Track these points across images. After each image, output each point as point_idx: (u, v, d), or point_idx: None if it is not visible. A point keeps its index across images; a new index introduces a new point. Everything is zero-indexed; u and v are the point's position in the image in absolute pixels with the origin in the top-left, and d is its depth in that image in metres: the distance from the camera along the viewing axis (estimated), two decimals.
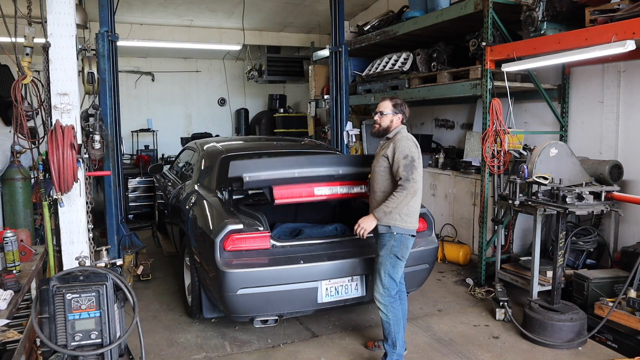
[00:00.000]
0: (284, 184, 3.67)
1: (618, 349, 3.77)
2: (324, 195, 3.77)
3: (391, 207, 3.22)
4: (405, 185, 3.19)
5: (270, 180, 3.62)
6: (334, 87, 6.94)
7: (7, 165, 4.97)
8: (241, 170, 3.56)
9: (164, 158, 10.00)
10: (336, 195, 3.82)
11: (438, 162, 6.56)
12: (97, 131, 3.59)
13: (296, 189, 3.69)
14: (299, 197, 3.72)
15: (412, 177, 3.21)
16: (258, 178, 3.58)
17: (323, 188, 3.76)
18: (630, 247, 4.34)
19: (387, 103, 3.47)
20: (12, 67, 7.24)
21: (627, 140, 4.77)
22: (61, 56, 3.40)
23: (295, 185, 3.70)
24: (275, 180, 3.64)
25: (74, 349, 2.29)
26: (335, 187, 3.81)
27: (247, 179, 3.53)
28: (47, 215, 3.68)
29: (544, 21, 4.45)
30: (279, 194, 3.63)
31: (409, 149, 3.26)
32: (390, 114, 3.44)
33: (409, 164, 3.22)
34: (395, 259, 3.35)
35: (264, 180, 3.61)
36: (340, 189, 3.82)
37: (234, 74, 12.30)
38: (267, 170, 3.64)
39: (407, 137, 3.35)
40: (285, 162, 3.90)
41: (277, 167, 3.69)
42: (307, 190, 3.71)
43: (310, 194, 3.72)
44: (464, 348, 3.85)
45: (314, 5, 8.34)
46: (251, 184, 3.58)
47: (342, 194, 3.84)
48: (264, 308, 3.59)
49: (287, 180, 3.67)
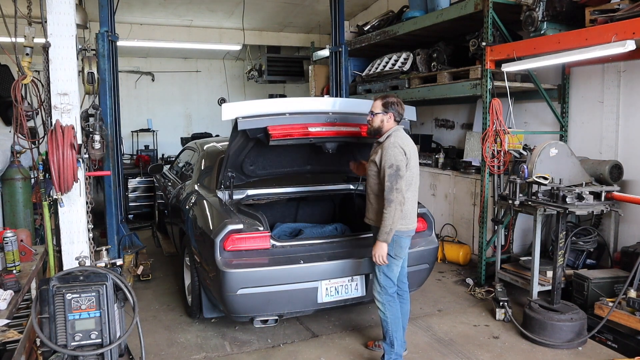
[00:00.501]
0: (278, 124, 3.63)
1: (618, 349, 3.77)
2: (318, 133, 3.71)
3: (389, 225, 3.20)
4: (390, 197, 3.17)
5: (264, 120, 3.58)
6: (334, 87, 6.94)
7: (7, 165, 4.96)
8: (235, 112, 3.53)
9: (164, 158, 10.00)
10: (330, 133, 3.77)
11: (438, 162, 6.56)
12: (97, 131, 3.59)
13: (290, 126, 3.64)
14: (294, 134, 3.66)
15: (397, 186, 3.18)
16: (251, 119, 3.54)
17: (317, 127, 3.72)
18: (630, 247, 4.34)
19: (377, 102, 3.41)
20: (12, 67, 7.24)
21: (627, 140, 4.77)
22: (61, 56, 3.40)
23: (290, 125, 3.66)
24: (269, 121, 3.59)
25: (74, 349, 2.29)
26: (329, 127, 3.77)
27: (241, 119, 3.50)
28: (47, 215, 3.68)
29: (544, 21, 4.45)
30: (275, 132, 3.57)
31: (395, 158, 3.20)
32: (381, 114, 3.37)
33: (394, 174, 3.18)
34: (390, 258, 3.35)
35: (257, 121, 3.56)
36: (333, 128, 3.79)
37: (234, 74, 12.30)
38: (260, 109, 3.60)
39: (394, 144, 3.25)
40: (279, 102, 3.85)
41: (271, 107, 3.67)
42: (301, 127, 3.66)
43: (304, 131, 3.67)
44: (464, 348, 3.85)
45: (314, 5, 8.34)
46: (245, 125, 3.53)
47: (336, 132, 3.79)
48: (264, 308, 3.59)
49: (280, 120, 3.63)
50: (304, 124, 3.68)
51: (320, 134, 3.74)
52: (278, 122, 3.61)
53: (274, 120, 3.60)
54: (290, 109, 3.69)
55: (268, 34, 9.82)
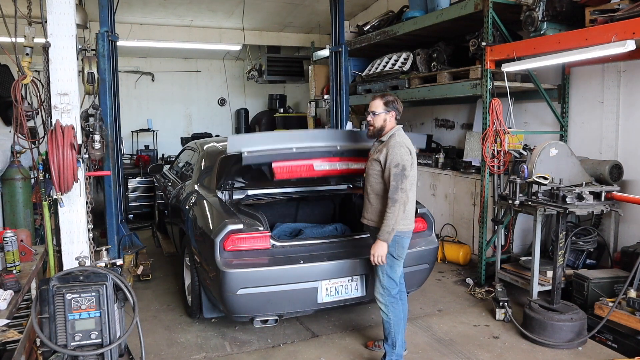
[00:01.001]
0: (283, 160, 3.62)
1: (618, 349, 3.77)
2: (323, 170, 3.70)
3: (391, 224, 3.19)
4: (395, 197, 3.16)
5: (269, 155, 3.58)
6: (334, 87, 6.94)
7: (7, 165, 4.97)
8: (240, 145, 3.52)
9: (164, 158, 10.00)
10: (336, 170, 3.76)
11: (438, 162, 6.56)
12: (97, 131, 3.58)
13: (295, 165, 3.64)
14: (298, 173, 3.66)
15: (402, 186, 3.17)
16: (257, 153, 3.53)
17: (323, 163, 3.71)
18: (630, 247, 4.34)
19: (378, 102, 3.39)
20: (12, 67, 7.24)
21: (627, 140, 4.77)
22: (61, 56, 3.40)
23: (295, 161, 3.64)
24: (274, 156, 3.59)
25: (74, 349, 2.30)
26: (335, 163, 3.75)
27: (246, 154, 3.49)
28: (47, 215, 3.68)
29: (544, 21, 4.45)
30: (279, 170, 3.58)
31: (401, 157, 3.20)
32: (383, 113, 3.36)
33: (400, 173, 3.18)
34: (392, 258, 3.35)
35: (262, 155, 3.56)
36: (339, 164, 3.77)
37: (234, 74, 12.30)
38: (266, 144, 3.59)
39: (400, 144, 3.25)
40: (285, 136, 3.85)
41: (276, 142, 3.65)
42: (306, 166, 3.66)
43: (309, 169, 3.67)
44: (464, 348, 3.85)
45: (314, 5, 8.34)
46: (250, 159, 3.53)
47: (341, 170, 3.79)
48: (264, 308, 3.59)
49: (286, 155, 3.62)
50: (310, 162, 3.67)
51: (325, 173, 3.75)
52: (283, 156, 3.60)
53: (280, 156, 3.59)
54: (297, 145, 3.66)
55: (268, 34, 9.82)
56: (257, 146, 3.56)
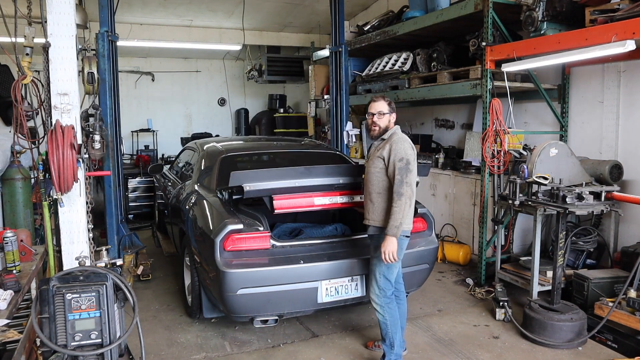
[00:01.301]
0: (284, 193, 3.71)
1: (618, 349, 3.77)
2: (323, 205, 3.80)
3: (399, 219, 3.18)
4: (400, 191, 3.17)
5: (271, 190, 3.67)
6: (334, 87, 6.94)
7: (7, 165, 4.97)
8: (242, 180, 3.59)
9: (164, 158, 10.00)
10: (336, 205, 3.86)
11: (438, 162, 6.56)
12: (97, 131, 3.59)
13: (296, 199, 3.73)
14: (298, 206, 3.77)
15: (407, 180, 3.19)
16: (258, 188, 3.62)
17: (323, 198, 3.79)
18: (630, 247, 4.34)
19: (383, 103, 3.43)
20: (12, 67, 7.24)
21: (627, 140, 4.77)
22: (61, 56, 3.40)
23: (295, 195, 3.74)
24: (276, 190, 3.68)
25: (74, 349, 2.29)
26: (335, 197, 3.84)
27: (248, 188, 3.56)
28: (47, 215, 3.68)
29: (544, 21, 4.45)
30: (279, 204, 3.67)
31: (405, 152, 3.24)
32: (388, 114, 3.43)
33: (404, 167, 3.20)
34: None
35: (264, 190, 3.65)
36: (340, 198, 3.85)
37: (234, 74, 12.30)
38: (267, 180, 3.67)
39: (403, 139, 3.32)
40: (286, 172, 3.94)
41: (278, 177, 3.74)
42: (306, 201, 3.75)
43: (310, 204, 3.76)
44: (464, 348, 3.85)
45: (314, 5, 8.34)
46: (252, 194, 3.62)
47: (341, 204, 3.87)
48: (264, 308, 3.59)
49: (287, 189, 3.71)
50: (310, 198, 3.75)
51: (325, 207, 3.83)
52: (284, 190, 3.69)
53: (281, 190, 3.68)
54: (298, 181, 3.74)
55: (268, 34, 9.82)
56: (259, 182, 3.64)
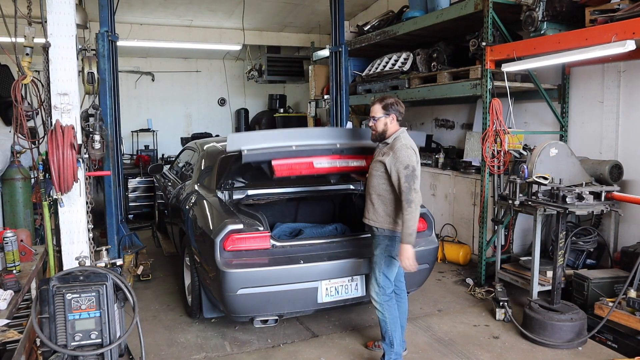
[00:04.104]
0: (283, 157, 3.62)
1: (618, 349, 3.77)
2: (323, 168, 3.70)
3: (412, 227, 3.18)
4: (410, 198, 3.16)
5: (269, 153, 3.58)
6: (334, 87, 6.93)
7: (7, 165, 4.96)
8: (239, 143, 3.53)
9: (164, 158, 10.00)
10: (335, 168, 3.76)
11: (438, 162, 6.56)
12: (97, 131, 3.58)
13: (295, 162, 3.64)
14: (298, 170, 3.65)
15: (414, 187, 3.18)
16: (256, 151, 3.53)
17: (322, 161, 3.70)
18: (630, 247, 4.34)
19: (377, 107, 3.36)
20: (12, 67, 7.24)
21: (627, 140, 4.77)
22: (61, 56, 3.40)
23: (294, 158, 3.64)
24: (274, 154, 3.59)
25: (74, 349, 2.30)
26: (335, 161, 3.75)
27: (246, 152, 3.49)
28: (47, 215, 3.68)
29: (544, 21, 4.45)
30: (279, 168, 3.57)
31: (409, 159, 3.20)
32: (383, 117, 3.34)
33: (410, 174, 3.17)
34: (390, 258, 3.35)
35: (262, 153, 3.56)
36: (339, 162, 3.77)
37: (234, 74, 12.30)
38: (265, 142, 3.59)
39: (405, 146, 3.25)
40: (284, 134, 3.85)
41: (276, 140, 3.65)
42: (306, 163, 3.65)
43: (309, 167, 3.66)
44: (464, 348, 3.85)
45: (314, 5, 8.34)
46: (250, 157, 3.53)
47: (341, 167, 3.78)
48: (264, 308, 3.59)
49: (285, 153, 3.62)
50: (309, 159, 3.66)
51: (325, 170, 3.74)
52: (283, 154, 3.60)
53: (279, 153, 3.59)
54: (296, 142, 3.66)
55: (268, 34, 9.82)
56: (257, 144, 3.56)
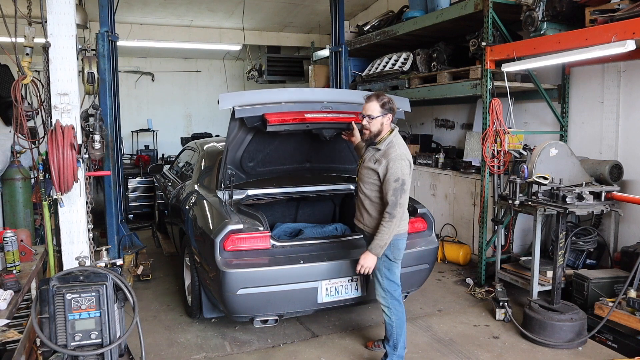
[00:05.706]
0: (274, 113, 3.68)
1: (618, 349, 3.77)
2: (314, 118, 3.72)
3: (385, 239, 3.16)
4: (393, 212, 3.13)
5: (259, 109, 3.61)
6: (334, 87, 6.94)
7: (7, 165, 4.96)
8: (231, 101, 3.56)
9: (164, 158, 10.00)
10: (327, 119, 3.79)
11: (438, 162, 6.56)
12: (97, 131, 3.58)
13: (287, 112, 3.68)
14: (290, 119, 3.66)
15: (401, 201, 3.14)
16: (249, 107, 3.56)
17: (313, 113, 3.74)
18: (630, 247, 4.34)
19: (374, 104, 3.19)
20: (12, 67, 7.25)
21: (627, 140, 4.77)
22: (61, 56, 3.40)
23: (286, 112, 3.68)
24: (264, 109, 3.62)
25: (74, 349, 2.29)
26: (324, 114, 3.78)
27: (239, 108, 3.52)
28: (47, 215, 3.68)
29: (544, 21, 4.45)
30: (272, 118, 3.58)
31: (402, 171, 3.12)
32: (380, 116, 3.19)
33: (399, 188, 3.12)
34: (389, 261, 3.34)
35: (254, 109, 3.59)
36: (329, 114, 3.80)
37: (234, 74, 12.30)
38: (257, 98, 3.64)
39: (400, 156, 3.14)
40: (274, 92, 3.88)
41: (267, 96, 3.70)
42: (298, 113, 3.68)
43: (301, 117, 3.67)
44: (464, 348, 3.85)
45: (314, 5, 8.34)
46: (242, 113, 3.55)
47: (332, 118, 3.80)
48: (264, 308, 3.59)
49: (276, 109, 3.66)
50: (300, 111, 3.71)
51: (316, 120, 3.74)
52: (274, 110, 3.65)
53: (271, 109, 3.64)
54: (286, 98, 3.72)
55: (268, 34, 9.82)
56: (248, 101, 3.60)
